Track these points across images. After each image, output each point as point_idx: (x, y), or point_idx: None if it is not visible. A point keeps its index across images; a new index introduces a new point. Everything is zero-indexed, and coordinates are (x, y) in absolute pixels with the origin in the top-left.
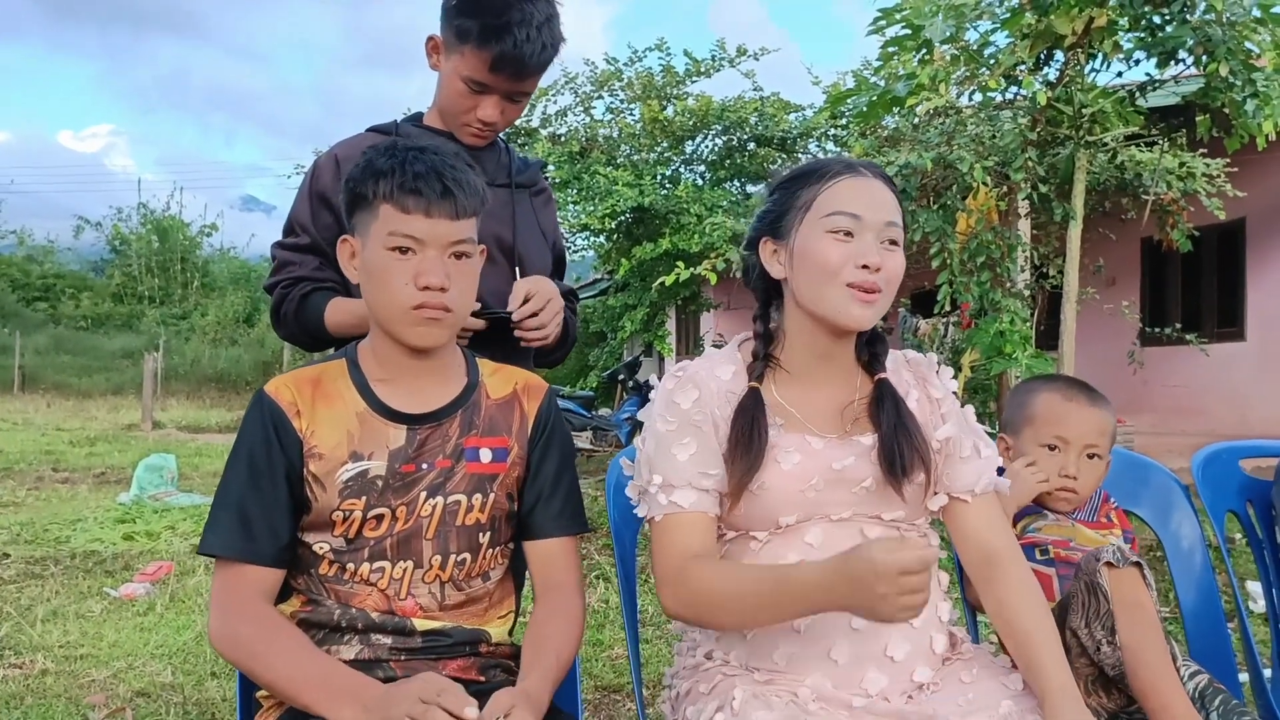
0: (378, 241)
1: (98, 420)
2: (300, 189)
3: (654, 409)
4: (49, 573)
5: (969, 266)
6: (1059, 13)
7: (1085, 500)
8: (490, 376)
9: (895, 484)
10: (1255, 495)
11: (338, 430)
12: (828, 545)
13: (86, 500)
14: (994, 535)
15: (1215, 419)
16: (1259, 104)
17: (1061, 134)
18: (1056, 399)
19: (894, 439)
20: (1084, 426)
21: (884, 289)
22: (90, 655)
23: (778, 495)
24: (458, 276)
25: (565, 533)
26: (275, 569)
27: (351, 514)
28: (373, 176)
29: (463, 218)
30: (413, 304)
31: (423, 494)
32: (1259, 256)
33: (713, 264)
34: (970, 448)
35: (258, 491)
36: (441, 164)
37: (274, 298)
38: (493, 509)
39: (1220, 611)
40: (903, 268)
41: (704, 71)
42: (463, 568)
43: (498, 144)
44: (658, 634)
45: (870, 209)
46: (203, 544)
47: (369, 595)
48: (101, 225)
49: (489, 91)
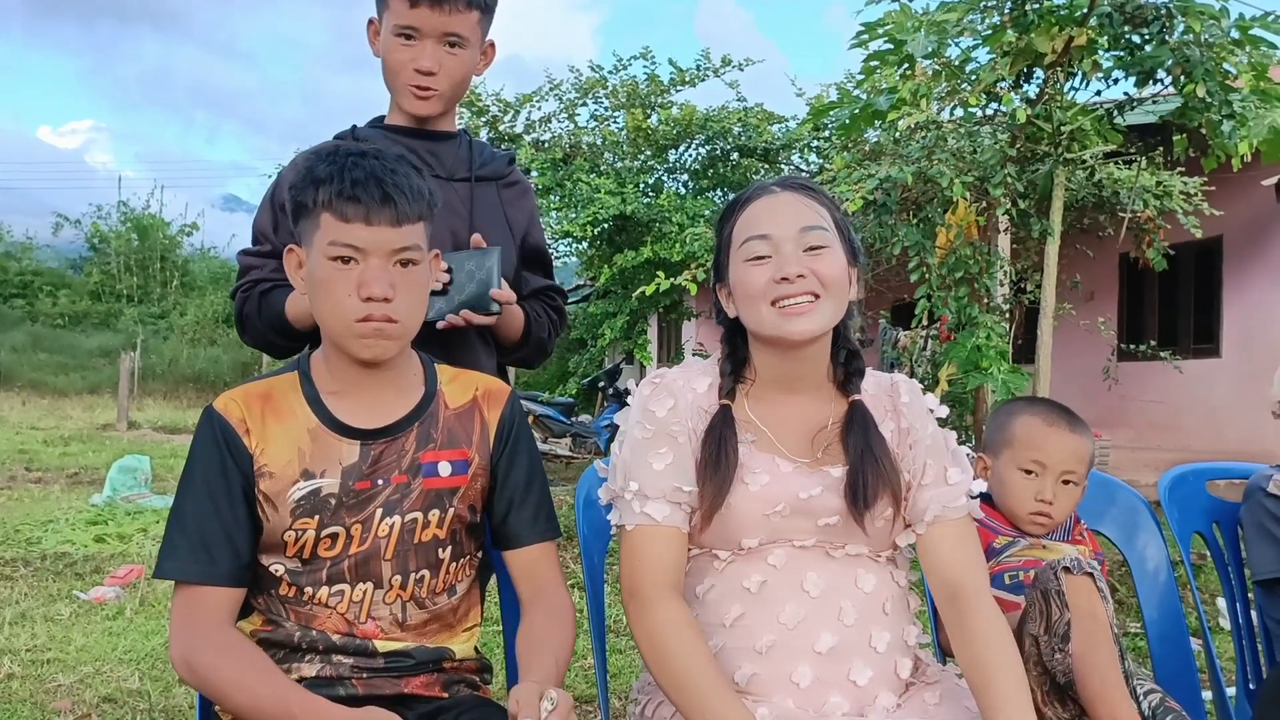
0: (320, 251)
1: (73, 419)
2: (263, 197)
3: (631, 414)
4: (18, 574)
5: (947, 281)
6: (1039, 31)
7: (1059, 526)
8: (449, 384)
9: (857, 516)
10: (1222, 517)
11: (288, 448)
12: (791, 568)
13: (59, 501)
14: (959, 571)
15: (1191, 435)
16: (1235, 125)
17: (1041, 150)
18: (1037, 423)
19: (860, 468)
20: (1062, 452)
21: (822, 293)
22: (57, 660)
23: (742, 516)
24: (403, 285)
25: (543, 538)
26: (235, 589)
27: (304, 534)
28: (312, 184)
29: (405, 224)
30: (357, 316)
31: (378, 511)
32: (1235, 274)
33: (694, 274)
34: (934, 474)
35: (215, 511)
36: (382, 169)
37: (237, 302)
38: (451, 523)
39: (1185, 629)
40: (839, 265)
41: (689, 81)
42: (423, 584)
43: (460, 138)
44: (630, 644)
45: (778, 224)
46: (159, 568)
47: (329, 618)
48: (81, 223)
49: (420, 36)
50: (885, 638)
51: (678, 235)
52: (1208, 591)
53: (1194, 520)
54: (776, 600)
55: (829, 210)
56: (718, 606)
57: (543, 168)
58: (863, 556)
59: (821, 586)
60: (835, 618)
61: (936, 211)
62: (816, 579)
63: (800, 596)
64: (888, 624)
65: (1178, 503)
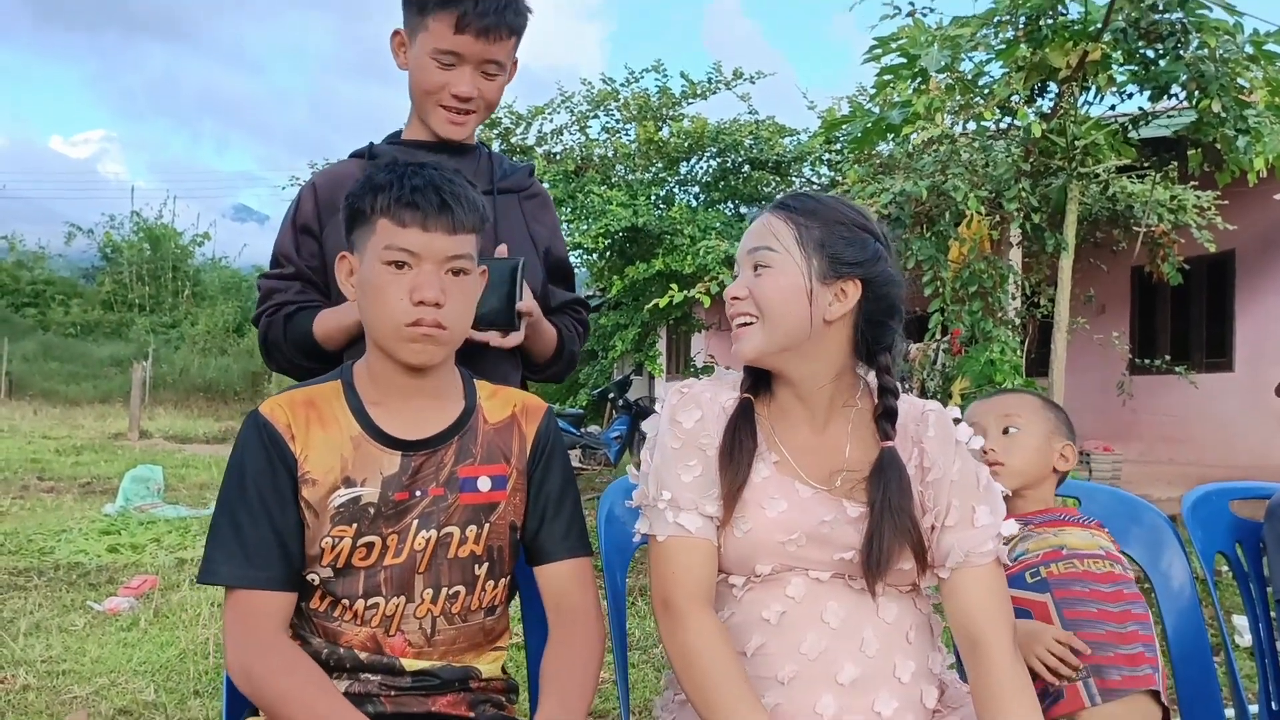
0: (374, 256)
1: (85, 429)
2: (284, 219)
3: (661, 423)
4: (32, 584)
5: (961, 294)
6: (1053, 46)
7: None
8: (488, 400)
9: (869, 576)
10: (1244, 536)
11: (331, 454)
12: (810, 599)
13: (72, 510)
14: (981, 622)
15: (1203, 449)
16: (1250, 140)
17: (1054, 165)
18: (974, 404)
19: (880, 525)
20: (990, 410)
21: (758, 315)
22: (72, 671)
23: (758, 541)
24: (454, 293)
25: (574, 554)
26: (288, 593)
27: (341, 541)
28: (371, 191)
29: (460, 233)
30: (408, 320)
31: (415, 523)
32: (1248, 289)
33: (706, 287)
34: (959, 515)
35: (266, 514)
36: (440, 179)
37: (260, 328)
38: (489, 539)
39: (1208, 648)
40: (779, 287)
41: (700, 93)
42: (455, 600)
43: (479, 150)
44: (644, 658)
45: (743, 245)
46: (206, 573)
47: (357, 633)
48: (93, 232)
49: (460, 62)
50: (910, 667)
51: (689, 248)
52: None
53: (1217, 540)
54: (796, 631)
55: (797, 229)
56: (737, 635)
57: (555, 179)
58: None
59: (842, 617)
60: (857, 648)
61: (949, 225)
62: (837, 609)
63: (820, 627)
64: (912, 652)
65: (1200, 522)
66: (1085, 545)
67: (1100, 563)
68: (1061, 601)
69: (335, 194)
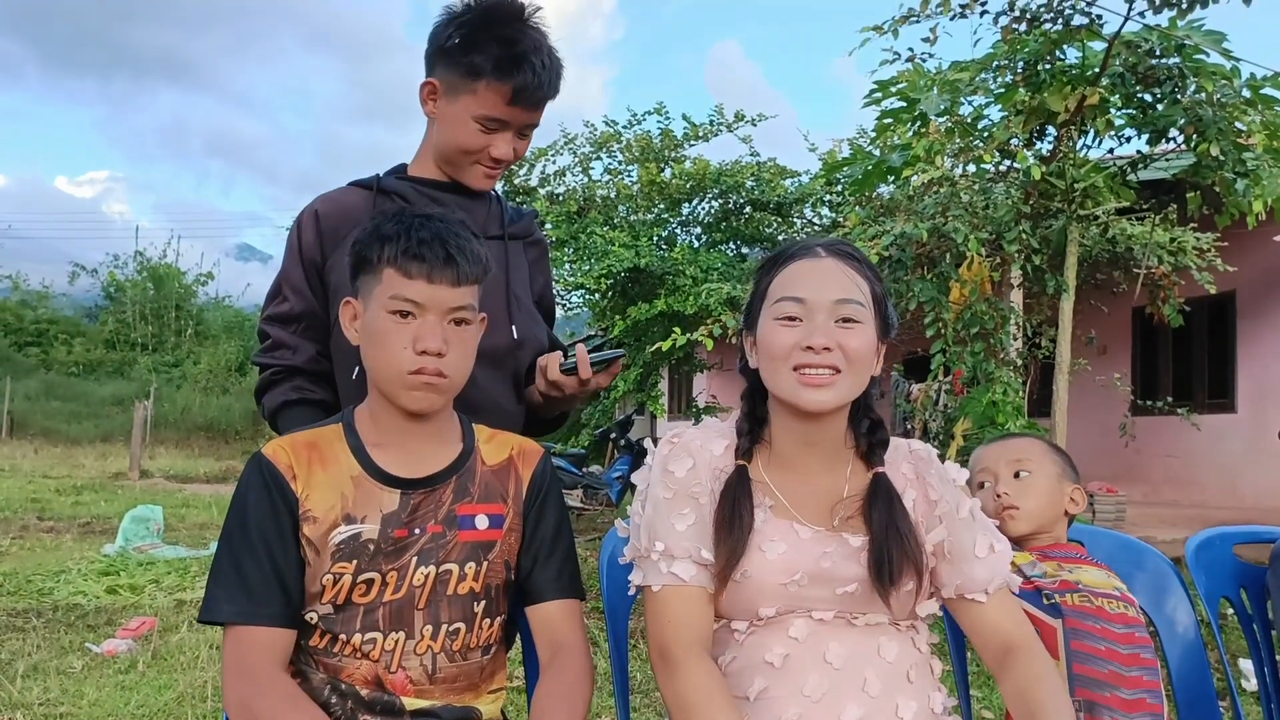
0: (379, 304)
1: (85, 468)
2: (287, 248)
3: (651, 474)
4: (30, 626)
5: (963, 336)
6: (1052, 90)
7: (1040, 519)
8: (486, 443)
9: (882, 591)
10: (1248, 581)
11: (332, 493)
12: (812, 641)
13: (71, 551)
14: (1014, 627)
15: (1206, 490)
16: (1249, 183)
17: (1054, 207)
18: (980, 449)
19: (884, 543)
20: (1000, 455)
21: (845, 368)
22: (70, 714)
23: (759, 585)
24: (456, 343)
25: (565, 595)
26: (286, 630)
27: (341, 578)
28: (378, 241)
29: (464, 284)
30: (410, 368)
31: (414, 560)
32: (1249, 329)
33: (709, 330)
34: (986, 546)
35: (267, 552)
36: (447, 231)
37: (261, 380)
38: (487, 577)
39: (1213, 692)
40: (868, 342)
41: (702, 135)
42: (456, 638)
43: (489, 195)
44: (645, 701)
45: (817, 290)
46: (207, 611)
47: (358, 668)
48: (97, 272)
49: (504, 128)
50: (912, 707)
51: (691, 289)
52: (1231, 653)
53: (1221, 585)
54: (799, 673)
55: (870, 283)
56: (739, 679)
57: (557, 220)
58: (884, 625)
59: (844, 657)
60: (860, 689)
61: (950, 267)
62: (839, 649)
63: (823, 668)
64: (913, 692)
65: (1204, 567)
66: (1101, 584)
67: (1115, 604)
68: (1071, 632)
69: (338, 223)
